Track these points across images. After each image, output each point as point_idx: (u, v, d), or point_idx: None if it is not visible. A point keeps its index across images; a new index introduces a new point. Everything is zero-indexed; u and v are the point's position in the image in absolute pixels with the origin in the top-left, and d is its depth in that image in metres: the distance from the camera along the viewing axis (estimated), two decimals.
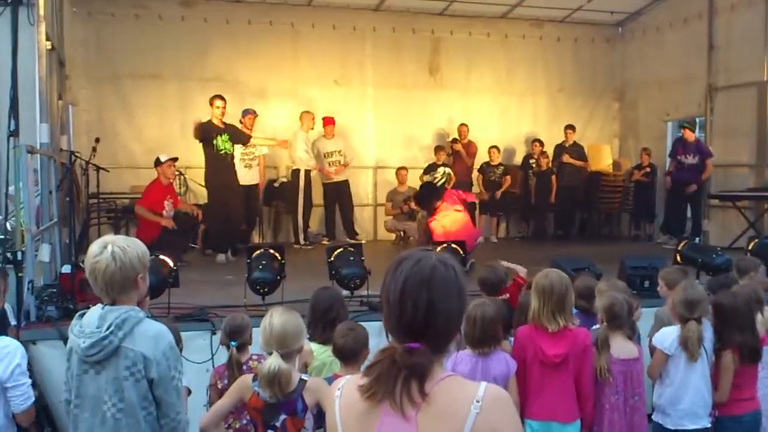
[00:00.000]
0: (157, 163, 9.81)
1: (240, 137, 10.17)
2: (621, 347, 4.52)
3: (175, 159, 9.90)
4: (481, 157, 13.30)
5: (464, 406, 1.78)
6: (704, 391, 4.60)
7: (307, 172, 11.60)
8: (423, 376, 1.79)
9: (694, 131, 12.12)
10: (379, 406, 1.82)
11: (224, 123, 9.90)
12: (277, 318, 3.49)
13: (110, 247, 2.99)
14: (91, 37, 11.74)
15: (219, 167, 9.80)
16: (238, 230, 10.35)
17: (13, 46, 6.19)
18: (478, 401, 1.78)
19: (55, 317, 5.83)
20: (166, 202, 9.67)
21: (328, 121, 12.26)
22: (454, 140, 13.07)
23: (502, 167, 13.30)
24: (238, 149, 10.37)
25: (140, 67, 11.77)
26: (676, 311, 4.68)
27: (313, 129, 11.92)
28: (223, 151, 9.77)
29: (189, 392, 4.17)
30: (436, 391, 1.80)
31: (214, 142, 9.68)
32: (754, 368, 4.80)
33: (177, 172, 11.33)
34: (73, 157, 8.75)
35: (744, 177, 11.97)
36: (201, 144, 9.80)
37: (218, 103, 9.77)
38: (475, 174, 13.31)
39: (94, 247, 3.03)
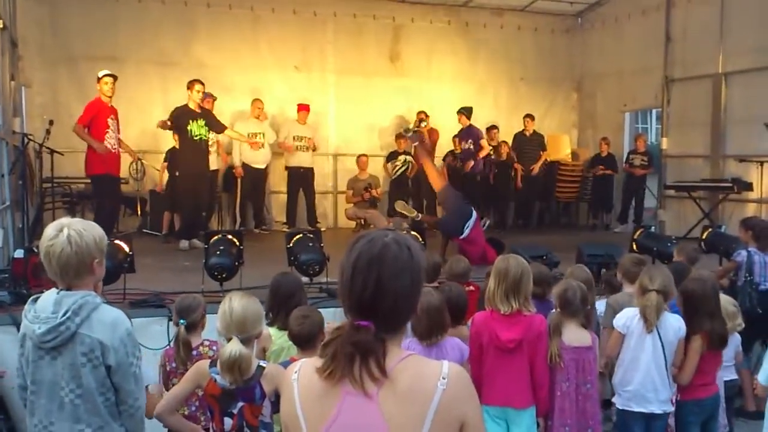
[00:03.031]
0: (97, 78, 9.23)
1: (216, 126, 10.00)
2: (574, 335, 4.54)
3: (115, 77, 9.27)
4: (442, 146, 13.28)
5: (429, 384, 1.78)
6: (655, 376, 4.60)
7: (244, 165, 11.73)
8: (370, 353, 1.78)
9: (469, 117, 12.41)
10: (338, 385, 1.80)
11: (201, 108, 9.76)
12: (237, 303, 3.46)
13: (66, 231, 2.92)
14: (45, 18, 11.49)
15: (193, 153, 9.66)
16: (201, 218, 10.22)
17: None
18: (444, 378, 1.79)
19: (7, 302, 5.73)
20: (109, 120, 9.11)
21: (302, 108, 12.23)
22: (415, 131, 13.00)
23: None
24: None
25: (96, 48, 11.51)
26: (639, 289, 4.68)
27: (259, 118, 11.85)
28: (197, 137, 9.63)
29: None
30: (398, 370, 1.79)
31: (189, 127, 9.53)
32: (719, 354, 4.86)
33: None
34: (26, 140, 8.54)
35: (699, 168, 12.19)
36: (173, 131, 9.64)
37: (198, 87, 9.63)
38: (438, 162, 13.29)
39: (50, 230, 2.96)
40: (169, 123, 9.61)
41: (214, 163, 11.14)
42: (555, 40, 14.82)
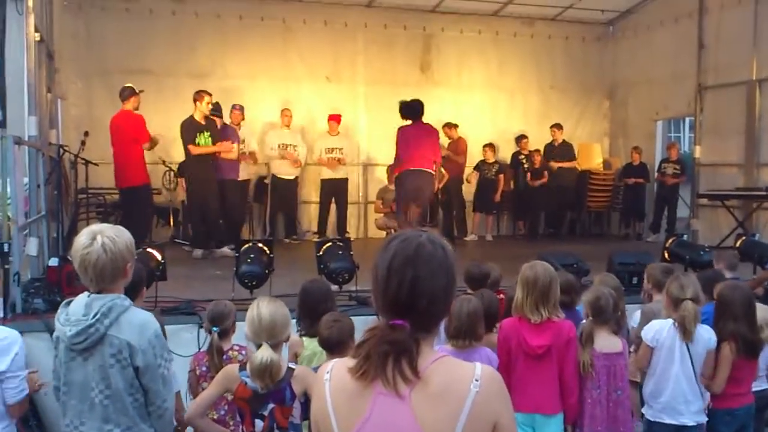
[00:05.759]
0: (133, 92, 9.30)
1: (217, 136, 10.06)
2: (605, 342, 4.50)
3: (142, 90, 9.52)
4: (473, 155, 13.27)
5: (462, 385, 1.77)
6: (685, 387, 4.53)
7: (274, 176, 11.88)
8: (405, 353, 1.78)
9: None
10: (371, 385, 1.80)
11: (206, 118, 9.88)
12: (265, 308, 3.48)
13: (100, 238, 2.99)
14: (81, 31, 11.71)
15: (200, 165, 9.82)
16: (218, 226, 10.23)
17: (1, 36, 6.10)
18: (477, 380, 1.78)
19: (42, 310, 5.82)
20: None
21: (333, 118, 12.30)
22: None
23: (497, 165, 13.31)
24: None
25: (130, 61, 11.68)
26: (670, 299, 4.60)
27: (289, 127, 11.93)
28: None
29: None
30: (430, 371, 1.79)
31: (197, 140, 9.70)
32: (754, 363, 4.79)
33: (166, 168, 11.34)
34: (62, 151, 8.70)
35: (733, 176, 12.02)
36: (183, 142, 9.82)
37: (207, 98, 9.77)
38: (468, 171, 13.28)
39: (83, 238, 3.02)
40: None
41: (244, 173, 11.22)
42: (586, 49, 14.73)
